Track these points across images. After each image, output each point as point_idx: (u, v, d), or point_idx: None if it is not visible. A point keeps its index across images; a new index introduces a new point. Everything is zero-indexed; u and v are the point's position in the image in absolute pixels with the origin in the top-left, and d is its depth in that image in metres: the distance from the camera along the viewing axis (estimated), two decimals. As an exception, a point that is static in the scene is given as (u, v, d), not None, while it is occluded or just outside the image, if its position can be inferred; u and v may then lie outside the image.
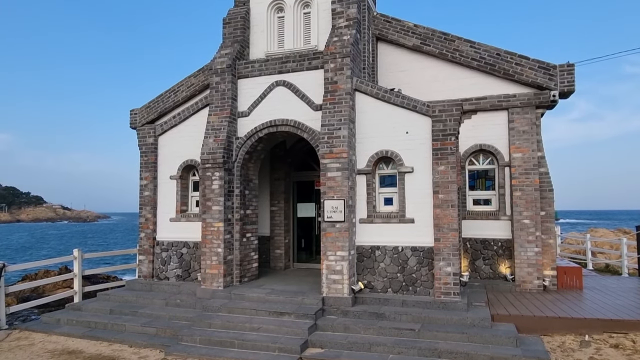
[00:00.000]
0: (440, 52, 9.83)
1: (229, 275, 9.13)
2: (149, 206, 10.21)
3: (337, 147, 8.09)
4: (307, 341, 6.98)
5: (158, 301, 8.97)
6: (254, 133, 9.19)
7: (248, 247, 9.63)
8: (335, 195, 8.10)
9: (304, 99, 8.81)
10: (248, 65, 9.31)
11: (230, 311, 8.01)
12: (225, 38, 9.57)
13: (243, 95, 9.35)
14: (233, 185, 9.28)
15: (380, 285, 8.27)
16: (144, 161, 10.27)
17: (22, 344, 7.60)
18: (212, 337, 7.19)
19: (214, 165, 9.01)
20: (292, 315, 7.61)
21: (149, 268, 10.14)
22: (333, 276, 8.02)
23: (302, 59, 8.88)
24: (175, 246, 10.01)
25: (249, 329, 7.42)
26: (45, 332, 8.15)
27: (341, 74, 8.30)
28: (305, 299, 8.08)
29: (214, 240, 9.00)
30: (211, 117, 9.27)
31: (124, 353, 7.10)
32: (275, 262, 11.38)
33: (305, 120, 8.76)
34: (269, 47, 9.51)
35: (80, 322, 8.41)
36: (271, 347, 6.82)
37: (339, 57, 8.34)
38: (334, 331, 7.34)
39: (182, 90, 11.20)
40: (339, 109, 8.21)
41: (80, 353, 7.10)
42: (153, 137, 10.23)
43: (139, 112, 11.50)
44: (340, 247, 8.02)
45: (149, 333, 7.85)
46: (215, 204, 9.03)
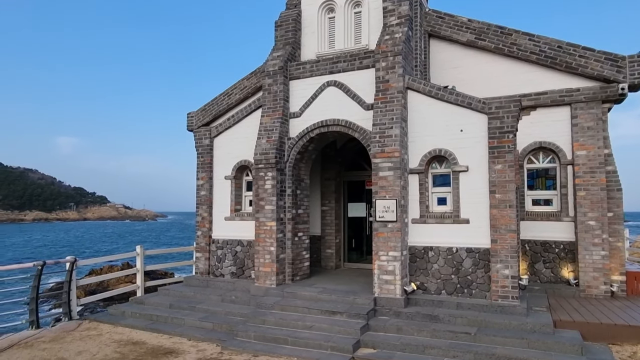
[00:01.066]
0: (496, 47, 9.48)
1: (282, 274, 9.29)
2: (205, 205, 10.60)
3: (388, 147, 8.02)
4: (359, 341, 6.97)
5: (214, 297, 9.28)
6: (306, 133, 9.29)
7: (300, 246, 9.75)
8: (387, 195, 8.03)
9: (355, 99, 8.80)
10: (299, 67, 9.44)
11: (283, 309, 8.15)
12: (277, 40, 9.75)
13: (294, 97, 9.49)
14: (285, 185, 9.44)
15: (434, 287, 8.10)
16: (201, 162, 10.67)
17: (92, 333, 8.12)
18: (266, 334, 7.35)
19: (267, 166, 9.21)
20: (344, 315, 7.62)
21: (205, 265, 10.52)
22: (385, 276, 7.96)
23: (352, 58, 8.88)
24: (230, 244, 10.32)
25: (301, 327, 7.51)
26: (112, 324, 8.65)
27: (393, 73, 8.21)
28: (356, 298, 8.07)
29: (267, 239, 9.20)
30: (264, 118, 9.48)
31: (183, 346, 7.41)
32: (326, 262, 11.44)
33: (356, 119, 8.75)
34: (319, 48, 9.59)
35: (143, 315, 8.86)
36: (324, 346, 6.87)
37: (390, 55, 8.26)
38: (387, 332, 7.28)
39: (235, 93, 11.52)
40: (391, 108, 8.13)
41: (143, 344, 7.49)
42: (209, 139, 10.61)
43: (195, 115, 11.96)
44: (392, 247, 7.94)
45: (206, 327, 8.13)
46: (268, 203, 9.22)
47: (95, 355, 6.91)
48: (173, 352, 7.07)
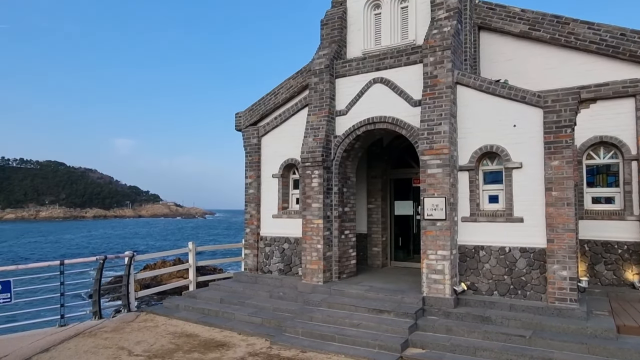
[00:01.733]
0: (552, 37, 9.04)
1: (328, 271, 9.34)
2: (254, 203, 10.83)
3: (437, 143, 7.85)
4: (407, 340, 6.89)
5: (262, 293, 9.48)
6: (352, 131, 9.28)
7: (346, 244, 9.76)
8: (435, 192, 7.87)
9: (402, 95, 8.68)
10: (345, 65, 9.43)
11: (330, 306, 8.18)
12: (323, 39, 9.79)
13: (340, 94, 9.49)
14: (332, 183, 9.47)
15: (485, 288, 7.86)
16: (249, 161, 10.92)
17: (149, 325, 8.52)
18: (313, 330, 7.41)
19: (314, 164, 9.28)
20: (392, 314, 7.56)
21: (253, 261, 10.76)
22: (434, 276, 7.80)
23: (399, 54, 8.76)
24: (278, 241, 10.50)
25: (348, 324, 7.52)
26: (167, 316, 9.04)
27: (441, 68, 8.03)
28: (404, 297, 7.97)
29: (314, 237, 9.27)
30: (310, 117, 9.55)
31: (233, 339, 7.62)
32: (373, 260, 11.38)
33: (403, 116, 8.63)
34: (365, 45, 9.54)
35: (195, 309, 9.19)
36: (371, 344, 6.84)
37: (438, 50, 8.08)
38: (436, 332, 7.15)
39: (281, 93, 11.68)
40: (439, 104, 7.96)
41: (196, 337, 7.77)
42: (256, 138, 10.83)
43: (243, 115, 12.23)
44: (441, 246, 7.78)
45: (255, 322, 8.32)
46: (315, 201, 9.29)
47: (153, 346, 7.25)
48: (224, 345, 7.29)
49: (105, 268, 8.94)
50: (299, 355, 6.77)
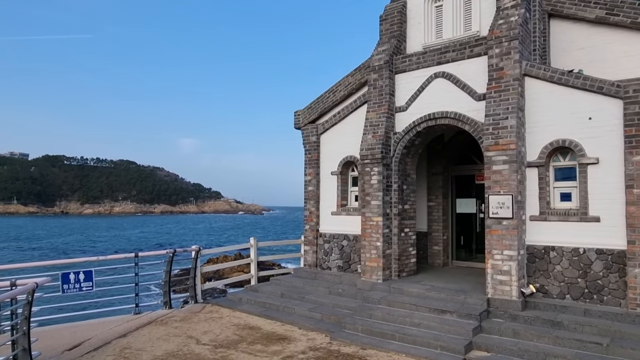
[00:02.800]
0: (632, 22, 8.32)
1: (388, 269, 9.25)
2: (313, 200, 10.96)
3: (503, 138, 7.51)
4: (471, 342, 6.68)
5: (322, 289, 9.57)
6: (412, 127, 9.11)
7: (406, 242, 9.61)
8: (501, 190, 7.54)
9: (465, 89, 8.39)
10: (405, 60, 9.27)
11: (390, 304, 8.11)
12: (382, 34, 9.69)
13: (400, 90, 9.35)
14: (391, 180, 9.37)
15: (556, 291, 7.43)
16: (308, 158, 11.06)
17: (214, 316, 8.90)
18: (373, 328, 7.39)
19: (373, 161, 9.22)
20: (454, 314, 7.36)
21: (313, 258, 10.90)
22: (499, 277, 7.49)
23: (462, 47, 8.47)
24: (336, 238, 10.55)
25: (409, 323, 7.41)
26: (230, 308, 9.39)
27: (508, 59, 7.66)
28: (467, 298, 7.73)
29: (373, 234, 9.22)
30: (369, 113, 9.50)
31: (294, 334, 7.77)
32: (433, 259, 11.12)
33: (466, 111, 8.35)
34: (426, 39, 9.31)
35: (257, 302, 9.47)
36: (433, 344, 6.71)
37: (505, 40, 7.72)
38: (501, 335, 6.87)
39: (339, 90, 11.68)
40: (506, 97, 7.61)
41: (259, 329, 8.01)
42: (315, 136, 10.94)
43: (301, 113, 12.39)
44: (507, 245, 7.45)
45: (315, 318, 8.43)
46: (374, 198, 9.23)
47: (218, 336, 7.56)
48: (285, 339, 7.46)
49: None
50: (359, 352, 6.78)
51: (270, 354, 6.74)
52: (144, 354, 6.69)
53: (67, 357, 6.55)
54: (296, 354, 6.75)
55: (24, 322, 5.66)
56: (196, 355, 6.63)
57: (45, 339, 6.84)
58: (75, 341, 7.21)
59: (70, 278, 7.69)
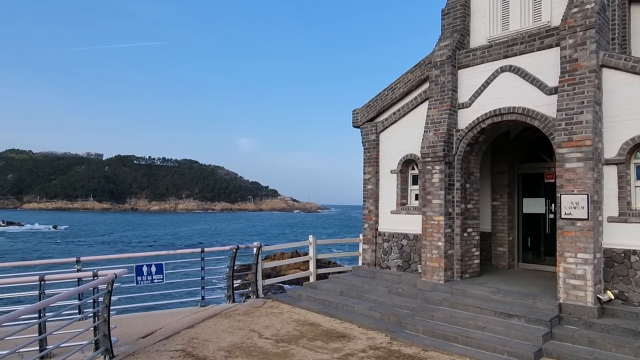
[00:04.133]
0: None
1: (450, 270, 9.01)
2: (372, 199, 10.90)
3: (578, 134, 7.06)
4: (541, 349, 6.35)
5: (381, 288, 9.50)
6: (476, 124, 8.79)
7: (469, 242, 9.31)
8: (575, 189, 7.09)
9: (534, 83, 7.97)
10: (469, 54, 8.96)
11: (453, 306, 7.89)
12: (444, 29, 9.43)
13: (463, 86, 9.05)
14: (453, 178, 9.10)
15: (638, 298, 6.87)
16: (367, 157, 11.00)
17: (275, 311, 9.11)
18: (434, 330, 7.22)
19: (434, 159, 9.00)
20: (522, 319, 7.02)
21: (372, 256, 10.84)
22: (572, 281, 7.05)
23: (531, 38, 8.05)
24: (396, 237, 10.42)
25: (473, 326, 7.17)
26: (290, 304, 9.56)
27: (583, 50, 7.18)
28: (536, 303, 7.35)
29: (434, 234, 9.01)
30: (430, 110, 9.28)
31: (353, 332, 7.78)
32: (498, 261, 10.68)
33: (535, 106, 7.93)
34: (491, 32, 8.94)
35: (317, 300, 9.57)
36: (499, 349, 6.45)
37: (579, 30, 7.24)
38: (575, 343, 6.46)
39: (399, 87, 11.50)
40: (581, 90, 7.14)
41: (318, 326, 8.10)
42: (375, 134, 10.87)
43: (360, 112, 12.33)
44: (582, 248, 6.99)
45: (374, 317, 8.38)
46: (436, 197, 9.01)
47: (279, 331, 7.73)
48: (345, 337, 7.48)
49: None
50: (421, 353, 6.66)
51: (331, 350, 6.79)
52: (210, 344, 6.99)
53: (141, 344, 6.98)
54: (356, 352, 6.75)
55: (105, 310, 6.11)
56: (259, 349, 6.82)
57: (121, 327, 7.34)
58: (147, 330, 7.67)
59: (143, 270, 8.20)
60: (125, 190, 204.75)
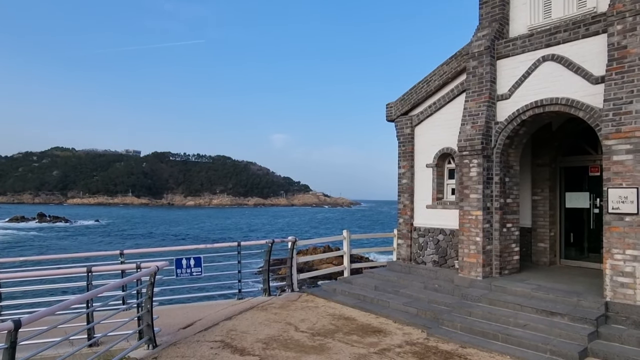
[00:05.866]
0: None
1: (488, 266, 8.81)
2: (407, 193, 10.78)
3: (627, 125, 6.72)
4: (586, 349, 6.12)
5: (417, 284, 9.40)
6: (516, 116, 8.52)
7: (508, 237, 9.06)
8: (623, 182, 6.77)
9: (579, 72, 7.64)
10: (508, 44, 8.68)
11: (491, 303, 7.72)
12: (482, 19, 9.16)
13: (502, 77, 8.78)
14: (492, 172, 8.87)
15: (693, 298, 6.51)
16: (402, 151, 10.88)
17: (310, 305, 9.18)
18: (473, 327, 7.09)
19: (472, 152, 8.80)
20: (566, 317, 6.78)
21: (407, 252, 10.74)
22: (620, 278, 6.75)
23: (576, 26, 7.71)
24: (432, 232, 10.27)
25: (513, 324, 6.99)
26: (325, 298, 9.61)
27: (633, 36, 6.82)
28: (581, 301, 7.08)
29: (472, 229, 8.82)
30: (468, 103, 9.06)
31: (389, 327, 7.74)
32: (538, 257, 10.35)
33: (580, 96, 7.60)
34: (532, 20, 8.62)
35: (351, 294, 9.57)
36: (541, 348, 6.26)
37: (629, 15, 6.87)
38: (623, 344, 6.19)
39: (434, 80, 11.28)
40: (630, 79, 6.78)
41: (354, 320, 8.10)
42: (410, 128, 10.72)
43: (394, 105, 12.19)
44: (631, 244, 6.68)
45: (410, 312, 8.30)
46: (473, 192, 8.81)
47: (315, 324, 7.79)
48: (381, 332, 7.45)
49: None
50: (459, 350, 6.55)
51: (367, 345, 6.78)
52: (248, 336, 7.12)
53: (182, 334, 7.20)
54: (393, 347, 6.71)
55: (148, 301, 6.33)
56: (295, 341, 6.89)
57: (163, 318, 7.58)
58: (187, 321, 7.89)
59: (183, 263, 8.42)
60: (162, 186, 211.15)
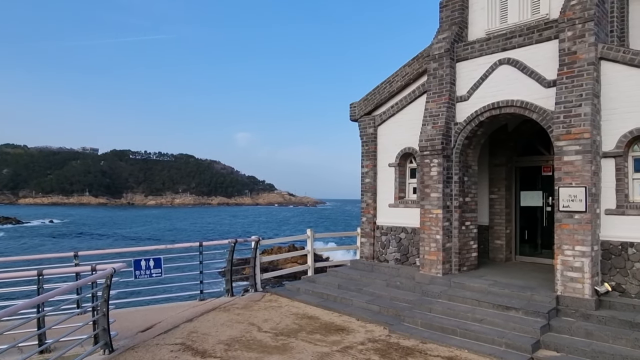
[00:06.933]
0: None
1: (448, 263, 9.04)
2: (370, 192, 10.90)
3: (576, 127, 7.06)
4: (539, 341, 6.39)
5: (379, 281, 9.53)
6: (474, 117, 8.79)
7: (467, 235, 9.33)
8: (573, 181, 7.11)
9: (533, 76, 7.96)
10: (467, 47, 8.94)
11: (451, 299, 7.93)
12: (442, 22, 9.39)
13: (462, 79, 9.03)
14: (452, 171, 9.11)
15: (635, 290, 6.92)
16: (365, 150, 10.99)
17: (273, 305, 9.13)
18: (433, 322, 7.26)
19: (432, 152, 9.00)
20: (520, 312, 7.06)
21: (370, 250, 10.86)
22: (570, 273, 7.09)
23: (530, 31, 8.03)
24: (394, 231, 10.44)
25: (471, 319, 7.21)
26: (289, 298, 9.58)
27: (582, 42, 7.17)
28: (534, 295, 7.39)
29: (433, 227, 9.03)
30: (429, 104, 9.27)
31: (352, 325, 7.80)
32: (495, 254, 10.73)
33: (533, 99, 7.92)
34: (490, 25, 8.90)
35: (315, 293, 9.59)
36: (497, 342, 6.49)
37: (578, 22, 7.22)
38: (572, 335, 6.51)
39: (396, 81, 11.45)
40: (579, 83, 7.13)
41: (317, 319, 8.12)
42: (373, 128, 10.85)
43: (357, 105, 12.28)
44: (579, 241, 7.03)
45: (373, 310, 8.41)
46: (434, 190, 9.02)
47: (278, 324, 7.75)
48: (344, 330, 7.51)
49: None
50: (419, 346, 6.69)
51: (330, 343, 6.81)
52: (210, 338, 7.00)
53: (141, 338, 6.98)
54: (355, 344, 6.77)
55: (104, 304, 6.10)
56: (258, 342, 6.83)
57: (121, 321, 7.33)
58: (147, 324, 7.67)
59: (142, 265, 8.18)
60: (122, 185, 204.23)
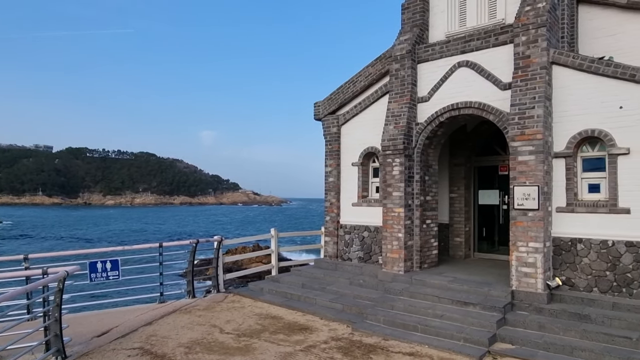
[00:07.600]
0: (666, 7, 8.02)
1: (409, 261, 9.21)
2: (334, 191, 10.95)
3: (529, 128, 7.36)
4: (495, 335, 6.62)
5: (343, 280, 9.59)
6: (435, 118, 8.99)
7: (428, 233, 9.54)
8: (527, 180, 7.41)
9: (490, 79, 8.23)
10: (428, 49, 9.13)
11: (412, 296, 8.08)
12: (404, 24, 9.55)
13: (423, 80, 9.22)
14: (413, 171, 9.28)
15: (583, 284, 7.29)
16: (329, 149, 11.03)
17: (236, 305, 9.01)
18: (395, 319, 7.38)
19: (394, 152, 9.14)
20: (478, 307, 7.29)
21: (333, 249, 10.92)
22: (524, 269, 7.38)
23: (487, 35, 8.29)
24: (357, 229, 10.54)
25: (431, 315, 7.38)
26: (252, 298, 9.49)
27: (535, 47, 7.47)
28: (491, 290, 7.65)
29: (395, 226, 9.17)
30: (391, 104, 9.41)
31: (315, 324, 7.82)
32: (455, 251, 11.03)
33: (491, 101, 8.19)
34: (449, 28, 9.14)
35: (279, 293, 9.54)
36: (456, 336, 6.67)
37: (532, 28, 7.52)
38: (526, 328, 6.78)
39: (360, 81, 11.56)
40: (532, 86, 7.43)
41: (280, 319, 8.08)
42: (336, 127, 10.90)
43: (321, 104, 12.31)
44: (532, 237, 7.33)
45: (336, 308, 8.45)
46: (396, 189, 9.17)
47: (241, 325, 7.66)
48: (307, 329, 7.51)
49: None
50: (381, 343, 6.78)
51: (293, 343, 6.79)
52: (170, 341, 6.83)
53: (96, 343, 6.73)
54: (318, 343, 6.79)
55: (56, 309, 5.83)
56: (220, 344, 6.73)
57: (74, 326, 7.03)
58: (103, 328, 7.39)
59: (98, 267, 7.88)
60: (78, 184, 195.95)
